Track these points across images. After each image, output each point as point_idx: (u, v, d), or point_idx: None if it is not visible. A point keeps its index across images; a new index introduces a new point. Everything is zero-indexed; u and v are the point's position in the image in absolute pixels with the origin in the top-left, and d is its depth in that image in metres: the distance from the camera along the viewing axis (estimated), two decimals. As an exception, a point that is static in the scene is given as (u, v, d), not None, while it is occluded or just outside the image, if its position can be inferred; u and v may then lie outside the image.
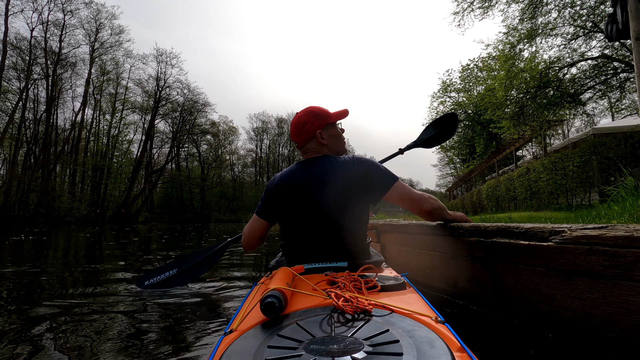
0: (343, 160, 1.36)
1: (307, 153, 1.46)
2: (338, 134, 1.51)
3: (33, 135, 27.63)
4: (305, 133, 1.44)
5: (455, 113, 2.59)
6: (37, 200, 25.90)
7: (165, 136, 38.07)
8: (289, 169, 1.42)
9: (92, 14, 30.31)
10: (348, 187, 1.29)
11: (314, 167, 1.36)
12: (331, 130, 1.48)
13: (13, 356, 1.32)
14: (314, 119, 1.45)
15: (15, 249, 5.78)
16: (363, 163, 1.34)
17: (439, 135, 2.54)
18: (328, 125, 1.47)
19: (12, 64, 26.69)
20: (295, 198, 1.32)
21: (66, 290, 2.43)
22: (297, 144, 1.49)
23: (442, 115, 2.60)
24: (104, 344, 1.46)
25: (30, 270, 3.31)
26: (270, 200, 1.41)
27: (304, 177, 1.34)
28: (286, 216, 1.37)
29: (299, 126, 1.45)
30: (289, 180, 1.36)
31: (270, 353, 0.54)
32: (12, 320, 1.78)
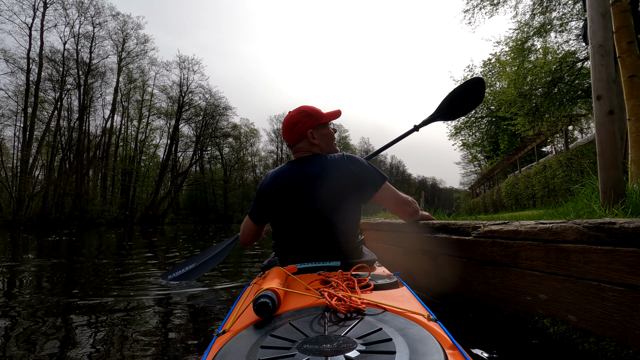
0: (333, 158, 1.34)
1: (298, 152, 1.45)
2: (330, 134, 1.49)
3: (67, 142, 29.33)
4: (296, 132, 1.42)
5: (481, 78, 2.32)
6: (72, 203, 27.51)
7: (189, 140, 39.35)
8: (280, 169, 1.40)
9: (119, 25, 31.82)
10: (339, 185, 1.28)
11: (304, 166, 1.34)
12: (323, 130, 1.46)
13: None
14: (306, 119, 1.43)
15: (52, 247, 6.36)
16: (354, 162, 1.33)
17: (462, 104, 2.30)
18: (320, 125, 1.45)
19: (48, 76, 28.48)
20: (286, 198, 1.31)
21: (54, 289, 2.53)
22: (289, 143, 1.48)
23: (463, 82, 2.33)
24: (94, 345, 1.45)
25: (49, 265, 3.71)
26: (261, 201, 1.39)
27: (295, 176, 1.32)
28: (278, 216, 1.36)
29: (291, 125, 1.43)
30: (280, 180, 1.34)
31: (263, 353, 0.54)
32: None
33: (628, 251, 0.90)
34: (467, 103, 2.33)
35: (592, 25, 2.02)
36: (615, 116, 1.91)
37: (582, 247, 1.02)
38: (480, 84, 2.30)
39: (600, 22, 1.99)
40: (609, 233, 0.95)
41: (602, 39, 1.97)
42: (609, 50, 1.96)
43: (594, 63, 2.00)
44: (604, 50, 1.96)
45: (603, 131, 1.92)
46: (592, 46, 2.01)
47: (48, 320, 1.81)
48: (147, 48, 33.68)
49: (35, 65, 27.29)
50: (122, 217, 29.75)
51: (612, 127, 1.90)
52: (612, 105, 1.91)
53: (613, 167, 1.88)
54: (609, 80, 1.94)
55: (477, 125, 28.83)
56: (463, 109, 2.33)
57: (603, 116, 1.92)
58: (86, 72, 29.67)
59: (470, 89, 2.31)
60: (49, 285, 2.74)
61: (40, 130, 28.50)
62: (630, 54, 2.27)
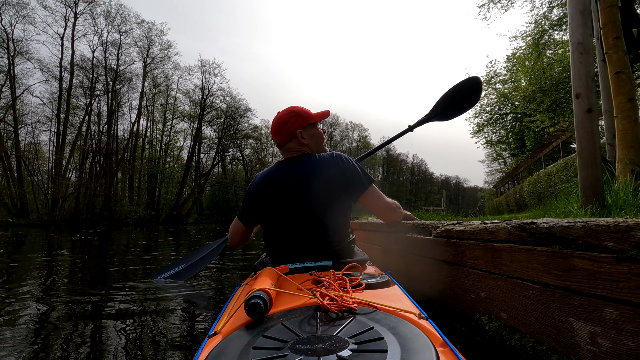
0: (322, 158, 1.34)
1: (287, 152, 1.44)
2: (319, 134, 1.49)
3: (97, 145, 30.75)
4: (285, 132, 1.42)
5: (477, 77, 2.26)
6: (102, 204, 28.83)
7: (212, 142, 40.33)
8: (269, 169, 1.40)
9: (144, 32, 33.00)
10: (329, 185, 1.28)
11: (293, 165, 1.33)
12: (312, 130, 1.46)
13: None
14: (295, 119, 1.43)
15: (81, 245, 6.75)
16: (343, 161, 1.33)
17: (458, 104, 2.26)
18: (309, 125, 1.45)
19: (79, 83, 29.96)
20: (276, 198, 1.30)
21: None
22: (278, 143, 1.47)
23: (460, 81, 2.28)
24: (83, 346, 1.44)
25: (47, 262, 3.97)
26: (250, 202, 1.39)
27: (284, 176, 1.32)
28: (268, 216, 1.35)
29: (280, 125, 1.43)
30: (269, 180, 1.34)
31: (255, 354, 0.54)
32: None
33: (543, 250, 0.92)
34: (463, 103, 2.28)
35: (571, 23, 2.00)
36: (594, 114, 1.88)
37: (509, 246, 1.05)
38: (477, 84, 2.26)
39: (579, 20, 1.96)
40: (530, 233, 0.98)
41: (581, 37, 1.95)
42: (587, 48, 1.93)
43: (573, 61, 1.97)
44: (583, 47, 1.93)
45: (582, 130, 1.90)
46: (572, 44, 1.98)
47: (34, 317, 1.86)
48: (170, 53, 34.79)
49: (67, 73, 28.81)
50: (148, 218, 30.88)
51: (591, 126, 1.87)
52: (590, 104, 1.88)
53: (591, 166, 1.85)
54: (588, 79, 1.91)
55: (501, 122, 27.97)
56: (458, 109, 2.29)
57: (582, 114, 1.90)
58: (114, 78, 30.97)
59: (466, 88, 2.26)
60: (48, 282, 2.93)
61: (72, 134, 30.06)
62: (616, 50, 2.21)
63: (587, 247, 0.80)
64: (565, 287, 0.86)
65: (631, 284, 0.70)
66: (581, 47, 1.94)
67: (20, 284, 2.78)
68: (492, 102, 26.31)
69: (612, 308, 0.74)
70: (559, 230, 0.87)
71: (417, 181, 67.34)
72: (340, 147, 54.95)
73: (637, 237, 0.69)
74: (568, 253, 0.84)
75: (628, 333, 0.71)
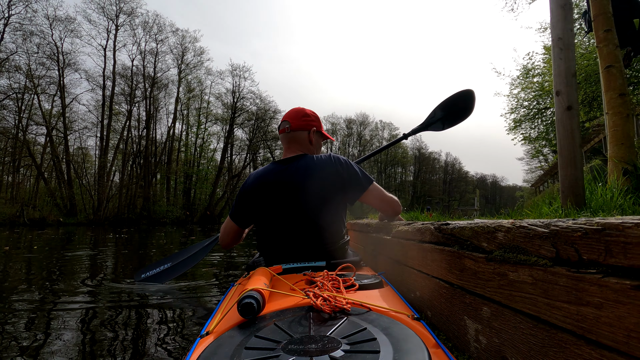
0: (319, 158, 1.34)
1: (291, 143, 1.44)
2: (320, 144, 1.55)
3: (137, 148, 32.62)
4: (303, 121, 1.44)
5: (470, 90, 2.31)
6: (142, 204, 30.55)
7: (243, 143, 41.45)
8: (264, 169, 1.40)
9: (178, 40, 34.55)
10: (325, 186, 1.27)
11: (289, 166, 1.33)
12: (319, 137, 1.52)
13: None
14: (315, 118, 1.48)
15: (117, 243, 7.28)
16: (340, 163, 1.33)
17: (452, 115, 2.33)
18: (319, 132, 1.51)
19: (121, 90, 31.95)
20: (270, 197, 1.30)
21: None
22: (290, 125, 1.44)
23: (455, 93, 2.34)
24: (79, 346, 1.45)
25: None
26: (243, 201, 1.38)
27: (280, 176, 1.31)
28: (262, 216, 1.34)
29: (301, 114, 1.46)
30: (264, 179, 1.33)
31: (247, 354, 0.53)
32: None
33: (448, 250, 0.96)
34: (457, 115, 2.33)
35: (551, 18, 1.94)
36: (574, 112, 1.82)
37: (431, 246, 1.09)
38: (470, 96, 2.30)
39: (559, 14, 1.91)
40: (443, 234, 1.01)
41: (561, 32, 1.89)
42: (568, 44, 1.87)
43: (553, 57, 1.92)
44: (563, 43, 1.88)
45: (561, 128, 1.85)
46: (552, 39, 1.93)
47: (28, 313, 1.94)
48: (203, 59, 36.17)
49: (109, 81, 30.81)
50: (183, 217, 32.29)
51: (570, 124, 1.82)
52: (570, 101, 1.83)
53: (570, 165, 1.80)
54: (568, 75, 1.85)
55: (540, 117, 26.58)
56: (453, 120, 2.34)
57: (561, 112, 1.85)
58: (151, 84, 32.70)
59: (459, 100, 2.31)
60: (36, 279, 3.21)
61: (115, 139, 32.08)
62: (607, 43, 2.10)
63: (473, 248, 0.83)
64: (460, 286, 0.89)
65: (495, 283, 0.73)
66: (561, 43, 1.89)
67: (54, 277, 3.08)
68: (529, 96, 25.03)
69: (486, 306, 0.77)
70: (457, 232, 0.91)
71: (450, 180, 65.30)
72: (370, 146, 54.47)
73: (499, 239, 0.72)
74: (461, 253, 0.88)
75: (495, 330, 0.74)
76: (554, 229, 0.56)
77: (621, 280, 0.44)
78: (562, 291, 0.54)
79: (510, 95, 26.77)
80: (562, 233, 0.54)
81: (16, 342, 1.51)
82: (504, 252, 0.70)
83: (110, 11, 30.39)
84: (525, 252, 0.64)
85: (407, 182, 59.97)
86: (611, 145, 2.06)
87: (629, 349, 0.44)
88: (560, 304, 0.55)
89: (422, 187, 58.72)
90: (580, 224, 0.52)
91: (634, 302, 0.42)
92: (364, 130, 54.94)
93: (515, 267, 0.66)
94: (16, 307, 2.08)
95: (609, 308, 0.46)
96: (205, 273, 3.25)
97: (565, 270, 0.54)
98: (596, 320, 0.48)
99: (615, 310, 0.45)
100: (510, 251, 0.68)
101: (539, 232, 0.60)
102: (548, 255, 0.58)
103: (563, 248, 0.54)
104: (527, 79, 26.93)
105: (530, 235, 0.62)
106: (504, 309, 0.71)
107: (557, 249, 0.56)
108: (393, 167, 57.16)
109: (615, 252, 0.46)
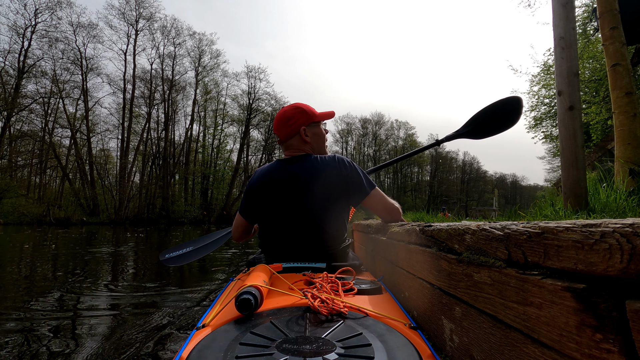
0: (324, 160, 1.32)
1: (288, 149, 1.42)
2: (321, 133, 1.47)
3: (156, 150, 33.48)
4: (289, 127, 1.40)
5: (518, 97, 2.03)
6: (161, 204, 31.34)
7: (259, 144, 41.92)
8: (269, 166, 1.39)
9: (195, 43, 35.36)
10: (329, 188, 1.27)
11: (294, 165, 1.32)
12: (315, 128, 1.45)
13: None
14: (300, 115, 1.41)
15: (137, 241, 7.53)
16: (345, 165, 1.31)
17: (493, 124, 2.07)
18: (313, 123, 1.44)
19: (141, 93, 32.89)
20: (273, 195, 1.30)
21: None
22: (280, 138, 1.44)
23: (499, 99, 2.07)
24: (70, 340, 1.47)
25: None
26: (249, 197, 1.39)
27: (284, 175, 1.31)
28: (265, 213, 1.35)
29: (284, 120, 1.41)
30: (269, 177, 1.33)
31: (242, 350, 0.54)
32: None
33: (428, 252, 0.98)
34: (499, 124, 2.06)
35: (553, 17, 1.92)
36: (576, 112, 1.80)
37: (416, 247, 1.11)
38: (517, 104, 2.01)
39: (561, 13, 1.88)
40: (425, 235, 1.03)
41: (563, 31, 1.87)
42: (570, 43, 1.85)
43: (555, 56, 1.89)
44: (565, 42, 1.85)
45: (563, 128, 1.83)
46: (554, 38, 1.91)
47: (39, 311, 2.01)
48: (219, 61, 36.90)
49: (130, 85, 31.77)
50: (200, 217, 32.93)
51: (572, 124, 1.80)
52: (572, 101, 1.81)
53: (572, 166, 1.78)
54: (570, 74, 1.83)
55: (561, 115, 25.52)
56: (492, 129, 2.08)
57: (563, 112, 1.83)
58: (169, 87, 33.55)
59: (504, 109, 2.03)
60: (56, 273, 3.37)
61: (135, 141, 33.06)
62: (613, 40, 2.05)
63: (447, 250, 0.85)
64: (439, 286, 0.91)
65: (464, 284, 0.75)
66: (563, 42, 1.86)
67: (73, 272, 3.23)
68: (550, 93, 24.28)
69: (458, 306, 0.80)
70: (436, 234, 0.93)
71: (468, 180, 64.07)
72: (386, 145, 54.13)
73: (467, 241, 0.74)
74: (438, 254, 0.90)
75: (465, 329, 0.76)
76: (507, 232, 0.58)
77: (555, 281, 0.47)
78: (513, 292, 0.57)
79: (530, 92, 25.97)
80: (513, 236, 0.57)
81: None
82: (470, 254, 0.72)
83: (130, 16, 31.40)
84: (485, 254, 0.66)
85: (423, 182, 59.25)
86: (618, 145, 2.01)
87: (561, 347, 0.46)
88: (511, 304, 0.57)
89: (439, 187, 57.87)
90: (527, 227, 0.54)
91: (564, 303, 0.45)
92: (379, 129, 54.62)
93: (478, 268, 0.68)
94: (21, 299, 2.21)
95: (546, 308, 0.48)
96: (205, 266, 3.33)
97: (514, 271, 0.56)
98: (537, 320, 0.51)
99: (551, 310, 0.47)
100: (475, 253, 0.71)
101: (496, 234, 0.62)
102: (502, 257, 0.60)
103: (513, 250, 0.57)
104: (547, 75, 26.09)
105: (490, 238, 0.64)
106: (471, 308, 0.73)
107: (509, 251, 0.58)
108: (409, 167, 56.56)
109: (551, 255, 0.48)
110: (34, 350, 1.41)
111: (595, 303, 0.40)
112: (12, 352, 1.39)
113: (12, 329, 1.66)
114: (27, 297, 2.31)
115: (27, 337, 1.56)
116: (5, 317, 1.82)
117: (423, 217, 2.78)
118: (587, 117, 10.60)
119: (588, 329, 0.41)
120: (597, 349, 0.40)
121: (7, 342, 1.49)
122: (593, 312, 0.40)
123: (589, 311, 0.41)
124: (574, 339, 0.43)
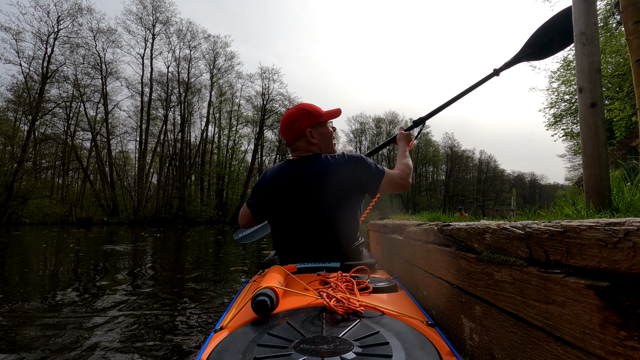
0: (334, 159, 1.32)
1: (296, 151, 1.42)
2: (329, 133, 1.46)
3: (173, 151, 34.12)
4: (294, 131, 1.39)
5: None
6: (177, 204, 31.93)
7: (272, 144, 42.18)
8: (278, 166, 1.38)
9: (210, 45, 35.78)
10: (340, 186, 1.27)
11: (305, 166, 1.32)
12: (321, 129, 1.43)
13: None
14: (305, 117, 1.40)
15: (153, 241, 7.72)
16: (355, 162, 1.31)
17: (557, 39, 1.91)
18: (319, 124, 1.43)
19: (158, 96, 33.57)
20: (284, 196, 1.30)
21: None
22: (287, 141, 1.45)
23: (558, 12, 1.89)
24: (94, 338, 1.51)
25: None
26: (258, 195, 1.40)
27: (294, 175, 1.31)
28: (276, 214, 1.35)
29: (289, 123, 1.41)
30: (278, 178, 1.33)
31: (260, 351, 0.54)
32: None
33: (447, 251, 0.98)
34: (560, 39, 1.91)
35: (574, 12, 1.88)
36: (599, 109, 1.76)
37: (434, 247, 1.11)
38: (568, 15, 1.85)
39: (582, 8, 1.84)
40: (444, 234, 1.03)
41: (584, 26, 1.83)
42: (591, 38, 1.80)
43: (576, 52, 1.85)
44: (586, 38, 1.81)
45: (584, 126, 1.78)
46: (574, 34, 1.86)
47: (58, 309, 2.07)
48: (233, 63, 37.22)
49: (147, 88, 32.45)
50: (216, 217, 33.37)
51: (594, 121, 1.76)
52: (594, 98, 1.76)
53: (595, 164, 1.74)
54: (592, 71, 1.78)
55: (583, 111, 24.69)
56: (555, 45, 1.93)
57: (585, 109, 1.78)
58: (185, 89, 34.10)
59: (559, 21, 1.91)
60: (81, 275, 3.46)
61: (152, 142, 33.76)
62: (637, 35, 1.99)
63: (467, 249, 0.86)
64: (458, 285, 0.92)
65: (484, 283, 0.76)
66: (584, 38, 1.82)
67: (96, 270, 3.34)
68: (571, 89, 23.57)
69: (478, 305, 0.80)
70: (455, 233, 0.93)
71: (485, 179, 62.84)
72: (400, 145, 53.47)
73: (487, 240, 0.75)
74: (457, 254, 0.90)
75: (485, 328, 0.77)
76: (529, 231, 0.59)
77: (578, 279, 0.47)
78: (534, 290, 0.57)
79: (549, 89, 25.16)
80: (534, 235, 0.57)
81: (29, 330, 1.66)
82: (491, 253, 0.73)
83: (147, 21, 32.05)
84: (506, 253, 0.66)
85: (439, 181, 58.40)
86: (642, 143, 1.96)
87: (584, 345, 0.46)
88: (533, 302, 0.57)
89: (455, 187, 56.96)
90: (549, 226, 0.54)
91: (587, 301, 0.45)
92: (393, 129, 54.12)
93: (498, 267, 0.68)
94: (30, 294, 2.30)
95: (569, 306, 0.49)
96: (220, 269, 3.40)
97: (536, 270, 0.56)
98: (560, 318, 0.51)
99: (573, 308, 0.48)
100: (495, 252, 0.71)
101: (517, 233, 0.62)
102: (523, 256, 0.60)
103: (535, 249, 0.57)
104: (567, 71, 25.26)
105: (511, 237, 0.64)
106: (492, 307, 0.73)
107: (530, 250, 0.58)
108: (424, 166, 55.88)
109: (574, 253, 0.48)
110: (57, 345, 1.47)
111: (619, 301, 0.40)
112: (35, 345, 1.47)
113: (38, 324, 1.75)
114: (51, 293, 2.41)
115: (49, 332, 1.63)
116: (30, 314, 1.91)
117: (439, 216, 2.75)
118: (610, 113, 10.27)
119: (612, 326, 0.41)
120: (622, 346, 0.40)
121: (30, 335, 1.57)
122: (617, 310, 0.40)
123: (612, 309, 0.41)
124: (597, 336, 0.44)
